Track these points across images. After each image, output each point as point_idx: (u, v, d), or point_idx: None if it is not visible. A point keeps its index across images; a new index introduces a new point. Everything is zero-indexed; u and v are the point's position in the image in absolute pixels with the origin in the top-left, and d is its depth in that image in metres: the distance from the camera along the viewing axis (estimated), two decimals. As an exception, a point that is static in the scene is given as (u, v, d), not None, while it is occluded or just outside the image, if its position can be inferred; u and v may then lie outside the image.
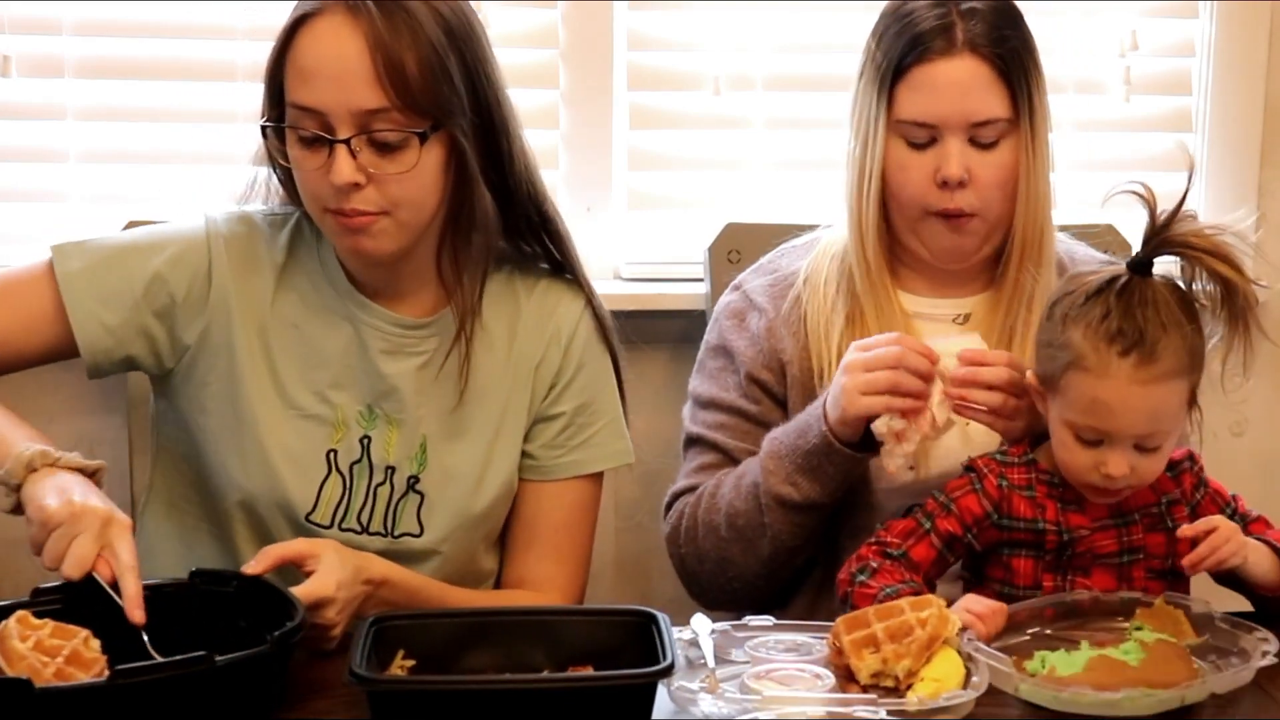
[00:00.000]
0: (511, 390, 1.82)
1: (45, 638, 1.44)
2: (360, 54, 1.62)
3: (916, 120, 1.85)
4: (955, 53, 1.84)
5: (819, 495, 1.82)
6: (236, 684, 1.41)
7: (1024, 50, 1.88)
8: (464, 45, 1.68)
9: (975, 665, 1.51)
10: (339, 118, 1.63)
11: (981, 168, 1.85)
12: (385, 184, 1.65)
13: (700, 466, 1.97)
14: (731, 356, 1.98)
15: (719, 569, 1.90)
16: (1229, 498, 1.76)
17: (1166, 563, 1.72)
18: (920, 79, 1.85)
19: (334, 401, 1.77)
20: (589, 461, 1.86)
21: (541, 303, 1.85)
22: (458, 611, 1.71)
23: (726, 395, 1.97)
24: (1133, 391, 1.60)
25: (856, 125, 1.91)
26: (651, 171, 2.45)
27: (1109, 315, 1.61)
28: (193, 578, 1.60)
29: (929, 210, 1.87)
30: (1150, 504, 1.71)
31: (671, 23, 2.42)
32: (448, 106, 1.66)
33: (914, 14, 1.87)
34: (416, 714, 1.40)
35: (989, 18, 1.86)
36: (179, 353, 1.76)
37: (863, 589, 1.68)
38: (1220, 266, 1.64)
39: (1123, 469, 1.63)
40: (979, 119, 1.84)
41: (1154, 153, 2.55)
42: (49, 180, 2.32)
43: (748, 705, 1.45)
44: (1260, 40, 2.52)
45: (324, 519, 1.77)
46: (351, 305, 1.77)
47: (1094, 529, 1.69)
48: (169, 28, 2.28)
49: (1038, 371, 1.69)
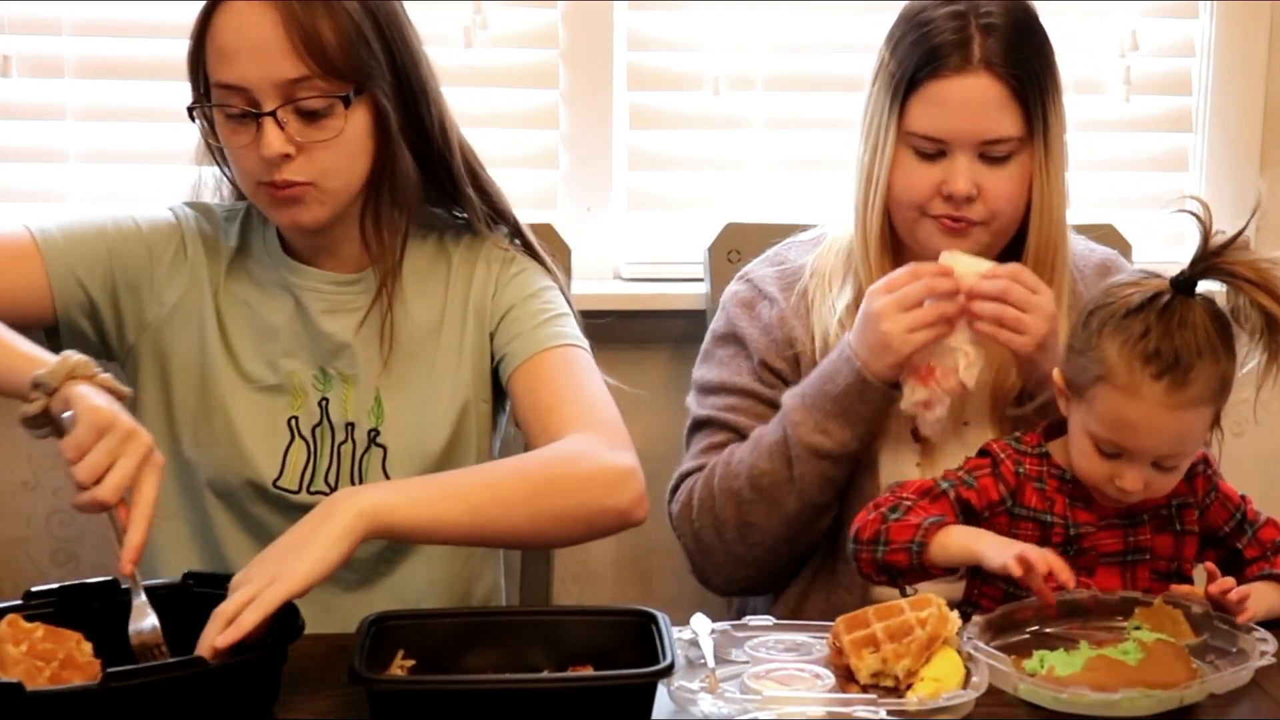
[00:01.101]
0: (454, 328, 1.84)
1: (38, 642, 1.44)
2: (275, 26, 1.65)
3: (926, 134, 1.84)
4: (971, 70, 1.82)
5: (851, 440, 1.83)
6: (230, 687, 1.41)
7: (1042, 67, 1.86)
8: (377, 8, 1.72)
9: (975, 665, 1.51)
10: (263, 91, 1.67)
11: (990, 181, 1.84)
12: (313, 152, 1.69)
13: (709, 446, 1.95)
14: (743, 343, 1.97)
15: (740, 535, 1.88)
16: (1238, 501, 1.75)
17: (1172, 565, 1.71)
18: (933, 94, 1.83)
19: (287, 369, 1.81)
20: (553, 337, 1.82)
21: (471, 243, 1.88)
22: (458, 611, 1.72)
23: (739, 379, 1.96)
24: (1161, 415, 1.59)
25: (867, 130, 1.91)
26: (651, 171, 2.45)
27: (1147, 334, 1.58)
28: (186, 580, 1.60)
29: (927, 213, 1.86)
30: (1160, 506, 1.71)
31: (671, 23, 2.42)
32: (367, 70, 1.70)
33: (932, 24, 1.84)
34: (416, 714, 1.40)
35: (1007, 34, 1.83)
36: (140, 328, 1.80)
37: (900, 523, 1.66)
38: (1267, 301, 1.60)
39: (1137, 485, 1.63)
40: (990, 138, 1.83)
41: (1154, 153, 2.55)
42: (49, 180, 2.32)
43: (748, 705, 1.45)
44: (1260, 40, 2.52)
45: (291, 484, 1.80)
46: (287, 273, 1.81)
47: (1100, 526, 1.69)
48: (169, 28, 2.28)
49: (1065, 374, 1.68)
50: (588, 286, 2.32)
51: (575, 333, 1.84)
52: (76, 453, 1.47)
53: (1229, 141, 2.52)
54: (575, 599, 2.46)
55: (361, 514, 1.52)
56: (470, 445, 1.86)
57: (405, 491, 1.60)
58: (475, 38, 2.36)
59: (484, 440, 1.88)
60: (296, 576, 1.46)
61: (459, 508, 1.59)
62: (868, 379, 1.80)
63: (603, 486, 1.65)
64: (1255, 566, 1.72)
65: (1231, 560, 1.73)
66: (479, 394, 1.86)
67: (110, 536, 1.50)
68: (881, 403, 1.82)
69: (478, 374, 1.85)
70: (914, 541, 1.65)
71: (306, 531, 1.52)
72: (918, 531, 1.64)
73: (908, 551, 1.65)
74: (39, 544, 2.38)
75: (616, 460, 1.67)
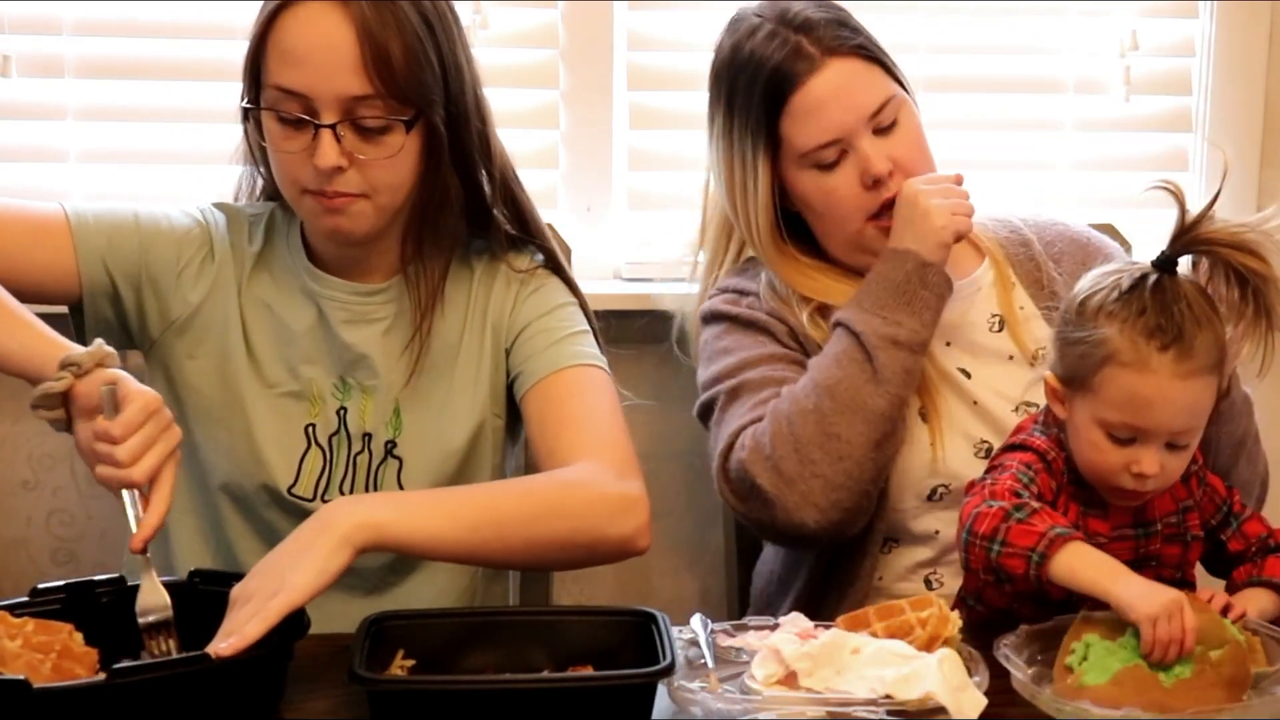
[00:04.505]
0: (474, 343, 1.84)
1: (31, 635, 1.45)
2: (348, 41, 1.64)
3: (821, 143, 1.85)
4: (819, 65, 1.84)
5: (921, 329, 1.82)
6: (236, 684, 1.41)
7: (859, 27, 1.90)
8: (441, 35, 1.71)
9: (975, 665, 1.51)
10: (324, 103, 1.66)
11: (897, 149, 1.86)
12: (366, 168, 1.69)
13: (757, 403, 1.85)
14: (751, 325, 1.93)
15: (825, 452, 1.76)
16: (1225, 493, 1.75)
17: (1177, 573, 1.71)
18: (802, 105, 1.85)
19: (307, 376, 1.81)
20: (567, 357, 1.81)
21: (493, 258, 1.88)
22: (458, 611, 1.72)
23: (760, 349, 1.91)
24: (1173, 386, 1.59)
25: (728, 181, 1.93)
26: (651, 171, 2.45)
27: (1145, 312, 1.59)
28: (192, 578, 1.61)
29: (871, 214, 1.87)
30: (1170, 513, 1.70)
31: (671, 23, 2.42)
32: (429, 95, 1.70)
33: (755, 55, 1.87)
34: (416, 714, 1.40)
35: (825, 20, 1.87)
36: (164, 324, 1.80)
37: (1024, 526, 1.57)
38: (1248, 260, 1.63)
39: (1155, 468, 1.61)
40: (876, 107, 1.85)
41: (1154, 152, 2.55)
42: (49, 180, 2.32)
43: (748, 705, 1.45)
44: (1260, 40, 2.52)
45: (306, 492, 1.80)
46: (310, 281, 1.81)
47: (1113, 537, 1.67)
48: (169, 28, 2.28)
49: (1060, 373, 1.67)
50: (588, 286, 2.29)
51: (592, 351, 1.83)
52: (125, 430, 1.49)
53: (1229, 141, 2.52)
54: (575, 599, 2.46)
55: (358, 526, 1.52)
56: (485, 462, 1.85)
57: (403, 506, 1.60)
58: (475, 38, 2.35)
59: (496, 456, 1.87)
60: (299, 588, 1.46)
61: (457, 526, 1.59)
62: (927, 261, 1.81)
63: (606, 514, 1.64)
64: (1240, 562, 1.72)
65: (1216, 552, 1.73)
66: (494, 410, 1.85)
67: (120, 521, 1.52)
68: (944, 287, 1.83)
69: (494, 390, 1.85)
70: (1035, 551, 1.56)
71: (303, 544, 1.51)
72: (1041, 541, 1.56)
73: (1026, 560, 1.56)
74: (39, 544, 2.38)
75: (622, 489, 1.66)
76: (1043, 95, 2.53)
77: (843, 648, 1.49)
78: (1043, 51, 2.52)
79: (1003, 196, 2.36)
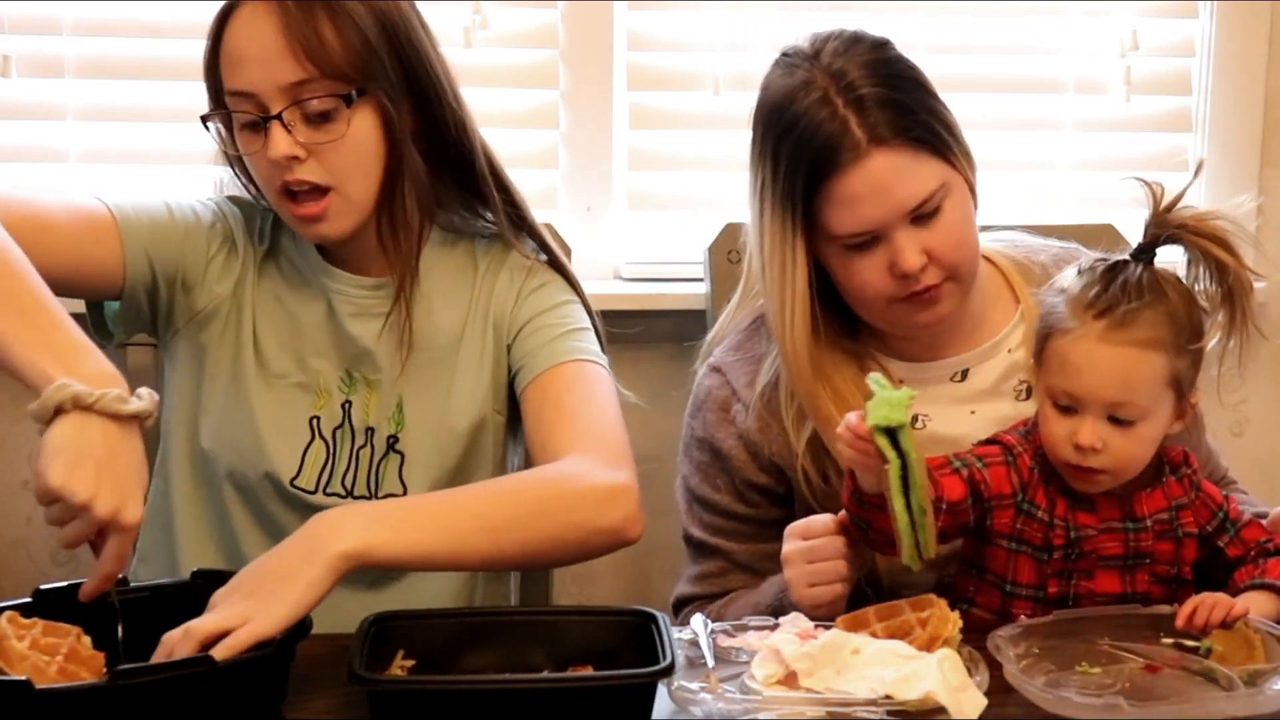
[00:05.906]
0: (476, 337, 1.85)
1: (39, 636, 1.45)
2: (276, 30, 1.68)
3: (853, 232, 1.74)
4: (864, 155, 1.71)
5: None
6: (238, 685, 1.41)
7: (922, 100, 1.77)
8: (384, 11, 1.73)
9: (975, 665, 1.51)
10: (269, 95, 1.69)
11: (934, 240, 1.74)
12: (324, 156, 1.71)
13: (703, 574, 1.90)
14: (720, 456, 1.89)
15: None
16: (1220, 500, 1.75)
17: (1172, 570, 1.71)
18: (839, 193, 1.72)
19: (314, 368, 1.82)
20: (565, 352, 1.81)
21: (498, 252, 1.89)
22: (458, 611, 1.72)
23: (719, 497, 1.89)
24: (1100, 350, 1.62)
25: (769, 251, 1.80)
26: (651, 171, 2.45)
27: (1092, 286, 1.64)
28: (194, 578, 1.61)
29: (895, 299, 1.78)
30: (1161, 509, 1.70)
31: (671, 23, 2.43)
32: (370, 71, 1.71)
33: (801, 121, 1.73)
34: (416, 714, 1.40)
35: (879, 98, 1.72)
36: (188, 315, 1.82)
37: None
38: (1216, 250, 1.66)
39: (1092, 439, 1.62)
40: (916, 203, 1.73)
41: (1154, 152, 2.55)
42: (49, 180, 2.32)
43: (748, 705, 1.45)
44: (1260, 40, 2.52)
45: (308, 484, 1.81)
46: (321, 275, 1.83)
47: (1101, 530, 1.68)
48: (169, 28, 2.29)
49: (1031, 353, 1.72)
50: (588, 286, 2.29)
51: (591, 348, 1.83)
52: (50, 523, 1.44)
53: (1229, 141, 2.53)
54: (575, 599, 2.46)
55: (344, 556, 1.50)
56: (486, 457, 1.86)
57: (389, 523, 1.57)
58: (475, 38, 2.36)
59: (498, 453, 1.88)
60: (272, 619, 1.44)
61: (445, 538, 1.58)
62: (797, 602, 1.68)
63: (593, 506, 1.64)
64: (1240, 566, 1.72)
65: (1214, 559, 1.73)
66: (495, 406, 1.86)
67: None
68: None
69: (495, 385, 1.85)
70: None
71: (287, 566, 1.49)
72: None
73: None
74: (39, 544, 2.39)
75: (607, 479, 1.65)
76: (1043, 95, 2.53)
77: (843, 648, 1.49)
78: (1043, 51, 2.53)
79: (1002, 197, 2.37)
